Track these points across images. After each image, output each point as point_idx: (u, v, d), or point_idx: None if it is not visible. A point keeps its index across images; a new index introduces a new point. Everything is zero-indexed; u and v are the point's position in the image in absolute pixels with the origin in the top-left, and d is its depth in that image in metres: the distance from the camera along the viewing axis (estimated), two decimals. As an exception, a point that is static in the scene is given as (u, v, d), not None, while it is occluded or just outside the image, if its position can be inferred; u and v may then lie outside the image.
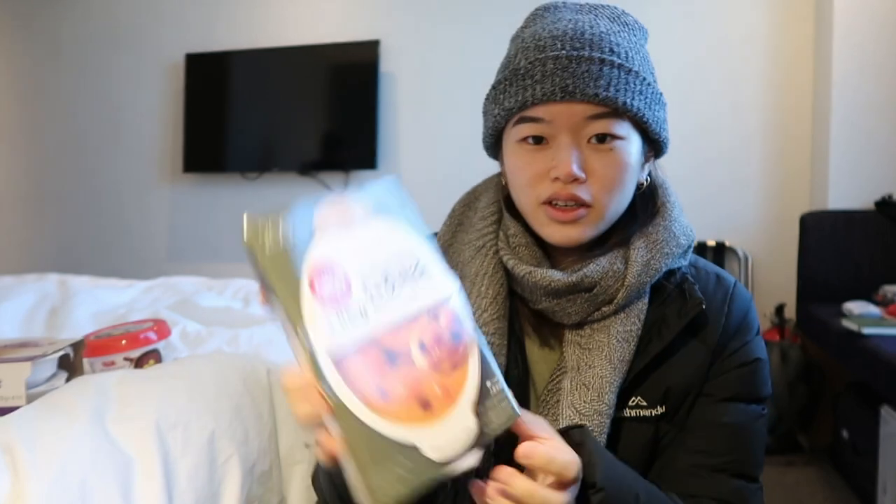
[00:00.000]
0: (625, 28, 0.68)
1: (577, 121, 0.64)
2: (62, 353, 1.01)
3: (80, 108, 3.53)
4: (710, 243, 2.72)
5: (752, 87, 2.72)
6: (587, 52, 0.63)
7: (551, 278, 0.67)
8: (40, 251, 3.60)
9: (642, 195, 0.73)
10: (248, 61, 3.22)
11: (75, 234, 3.57)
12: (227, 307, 1.73)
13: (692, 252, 0.75)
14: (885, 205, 2.39)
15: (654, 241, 0.70)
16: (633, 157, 0.66)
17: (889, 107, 2.46)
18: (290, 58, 3.15)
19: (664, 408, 0.69)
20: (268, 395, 1.05)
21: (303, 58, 3.14)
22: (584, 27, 0.65)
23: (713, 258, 2.68)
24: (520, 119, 0.66)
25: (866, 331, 1.86)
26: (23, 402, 0.90)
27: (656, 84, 0.68)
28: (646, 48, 0.70)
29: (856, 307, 2.10)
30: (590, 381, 0.66)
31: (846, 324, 1.97)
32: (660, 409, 0.69)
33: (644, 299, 0.70)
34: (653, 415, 0.69)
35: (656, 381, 0.69)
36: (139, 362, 1.07)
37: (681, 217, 0.73)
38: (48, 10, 3.56)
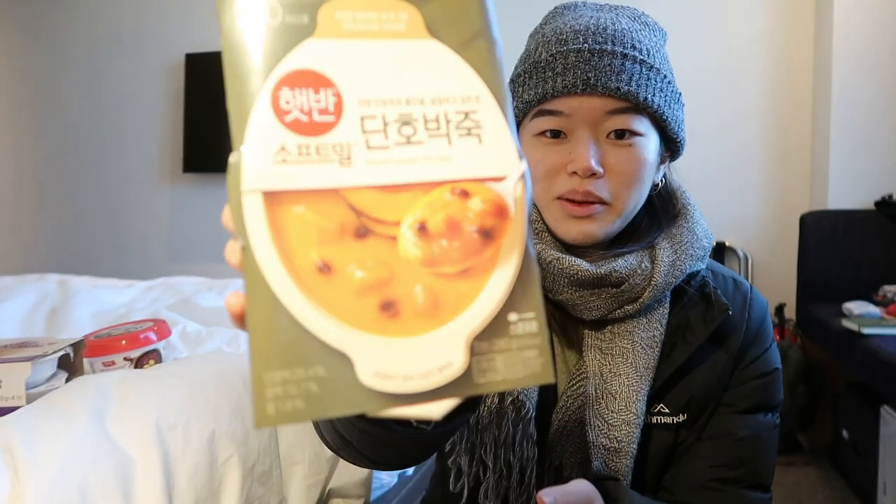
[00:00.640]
0: (645, 27, 0.68)
1: (597, 115, 0.63)
2: (62, 353, 1.01)
3: (80, 108, 3.53)
4: (710, 243, 2.72)
5: (752, 88, 2.72)
6: (609, 47, 0.62)
7: (579, 267, 0.65)
8: (40, 251, 3.60)
9: (660, 197, 0.72)
10: (248, 61, 3.22)
11: (75, 234, 3.57)
12: (228, 307, 1.73)
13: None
14: (885, 205, 2.39)
15: (678, 242, 0.69)
16: (651, 154, 0.65)
17: (889, 107, 2.46)
18: (290, 58, 3.15)
19: (685, 415, 0.68)
20: (268, 395, 1.04)
21: (303, 58, 3.14)
22: (605, 23, 0.64)
23: (713, 258, 2.67)
24: (539, 112, 0.65)
25: (866, 331, 1.86)
26: (23, 402, 0.90)
27: (676, 84, 0.67)
28: (665, 49, 0.69)
29: (856, 307, 2.10)
30: (616, 390, 0.65)
31: (846, 324, 1.97)
32: (681, 417, 0.68)
33: (665, 304, 0.69)
34: (674, 422, 0.68)
35: (680, 389, 0.68)
36: (139, 362, 1.07)
37: (701, 220, 0.72)
38: (48, 10, 3.56)
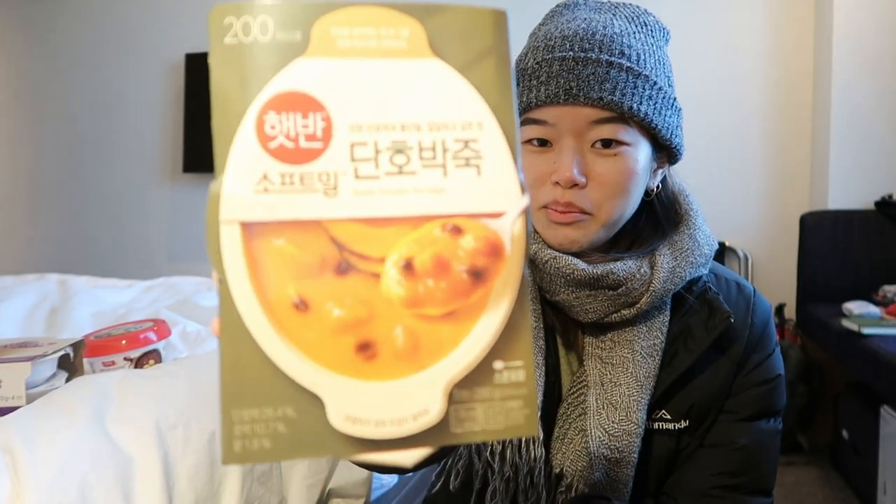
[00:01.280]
0: (642, 29, 0.66)
1: (581, 124, 0.62)
2: (62, 353, 1.01)
3: (80, 107, 3.53)
4: (710, 243, 2.72)
5: (752, 87, 2.72)
6: (594, 55, 0.61)
7: (575, 266, 0.64)
8: (40, 251, 3.60)
9: (662, 202, 0.71)
10: (248, 61, 3.23)
11: (75, 234, 3.57)
12: (227, 307, 1.73)
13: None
14: (885, 205, 2.39)
15: (679, 249, 0.68)
16: (639, 163, 0.64)
17: (889, 107, 2.46)
18: (290, 58, 3.16)
19: (687, 422, 0.68)
20: (268, 395, 1.04)
21: (303, 58, 3.14)
22: (596, 27, 0.63)
23: (713, 259, 2.67)
24: (525, 120, 0.64)
25: (866, 331, 1.86)
26: (23, 402, 0.90)
27: (670, 88, 0.66)
28: (664, 50, 0.68)
29: (856, 307, 2.10)
30: (616, 400, 0.65)
31: (846, 324, 1.97)
32: (683, 424, 0.68)
33: (665, 311, 0.68)
34: (676, 429, 0.68)
35: (682, 396, 0.68)
36: (139, 362, 1.07)
37: (704, 226, 0.71)
38: (48, 10, 3.55)
